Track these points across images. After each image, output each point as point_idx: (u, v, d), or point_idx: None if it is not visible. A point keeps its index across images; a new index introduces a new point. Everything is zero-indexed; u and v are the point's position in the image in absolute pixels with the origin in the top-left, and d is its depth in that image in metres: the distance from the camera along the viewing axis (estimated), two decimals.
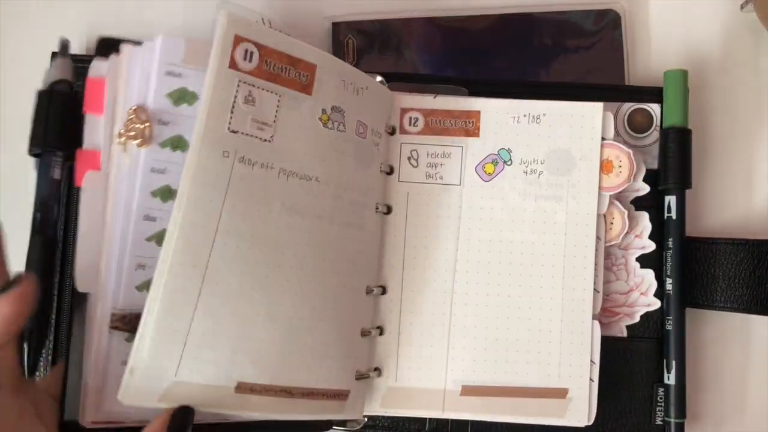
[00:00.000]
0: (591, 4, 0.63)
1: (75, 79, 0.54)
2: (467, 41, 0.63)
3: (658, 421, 0.58)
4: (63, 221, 0.53)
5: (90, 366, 0.48)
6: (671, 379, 0.57)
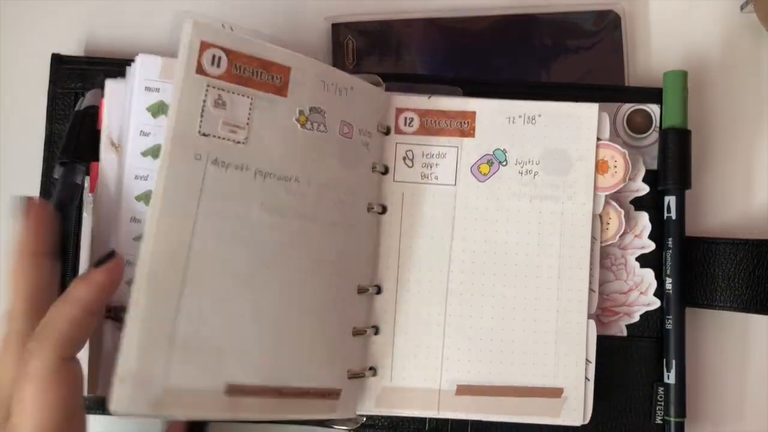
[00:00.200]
0: (591, 4, 0.63)
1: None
2: (467, 42, 0.63)
3: (657, 421, 0.58)
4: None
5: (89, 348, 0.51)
6: (671, 379, 0.57)
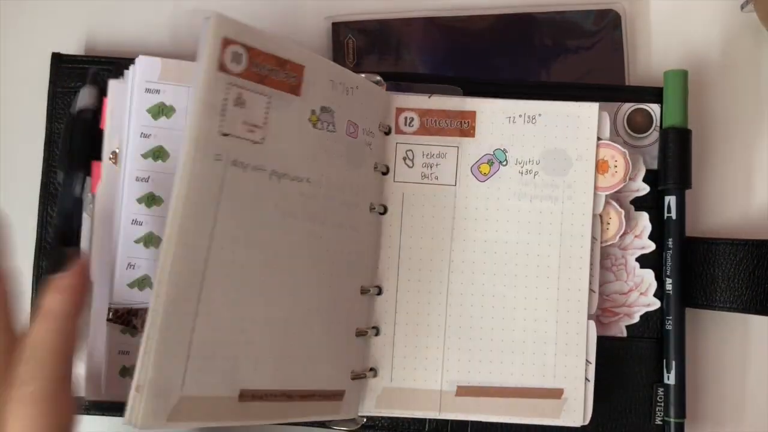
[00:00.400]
0: (591, 4, 0.63)
1: (99, 104, 0.56)
2: (467, 41, 0.63)
3: (657, 421, 0.57)
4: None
5: (90, 351, 0.53)
6: (671, 379, 0.57)
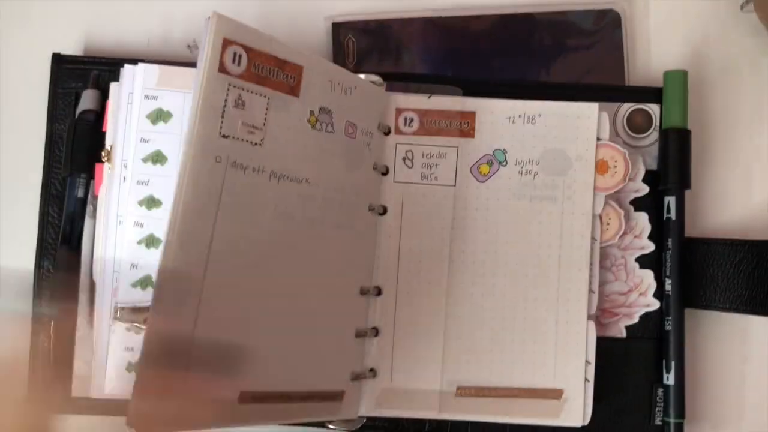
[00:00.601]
0: (591, 4, 0.63)
1: (101, 107, 0.57)
2: (467, 42, 0.63)
3: (657, 422, 0.57)
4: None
5: (95, 349, 0.53)
6: (670, 380, 0.57)
